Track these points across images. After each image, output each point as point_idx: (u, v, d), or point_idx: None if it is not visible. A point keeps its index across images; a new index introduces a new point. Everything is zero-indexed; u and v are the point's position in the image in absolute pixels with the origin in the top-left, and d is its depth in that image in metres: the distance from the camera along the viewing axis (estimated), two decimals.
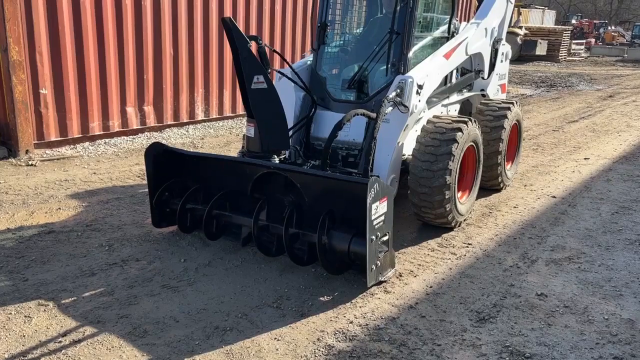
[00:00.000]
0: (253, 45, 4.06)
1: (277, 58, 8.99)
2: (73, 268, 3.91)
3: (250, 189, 4.13)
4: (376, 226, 3.49)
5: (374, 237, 3.47)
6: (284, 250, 3.87)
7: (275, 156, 4.17)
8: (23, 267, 3.90)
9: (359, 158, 4.54)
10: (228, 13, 8.83)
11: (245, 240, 4.24)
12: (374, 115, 4.11)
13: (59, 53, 6.85)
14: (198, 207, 4.32)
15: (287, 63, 4.80)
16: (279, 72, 4.82)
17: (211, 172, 4.41)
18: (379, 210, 3.49)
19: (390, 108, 4.25)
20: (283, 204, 4.02)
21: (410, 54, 4.68)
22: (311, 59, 5.15)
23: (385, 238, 3.65)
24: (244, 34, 3.92)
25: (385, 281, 3.79)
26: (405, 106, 4.34)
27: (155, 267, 3.97)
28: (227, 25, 3.88)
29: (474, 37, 5.38)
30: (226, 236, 4.34)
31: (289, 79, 4.70)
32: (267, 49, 4.19)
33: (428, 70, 4.62)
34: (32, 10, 6.49)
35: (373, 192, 3.38)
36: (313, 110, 4.81)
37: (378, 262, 3.63)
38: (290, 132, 4.57)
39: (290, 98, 4.85)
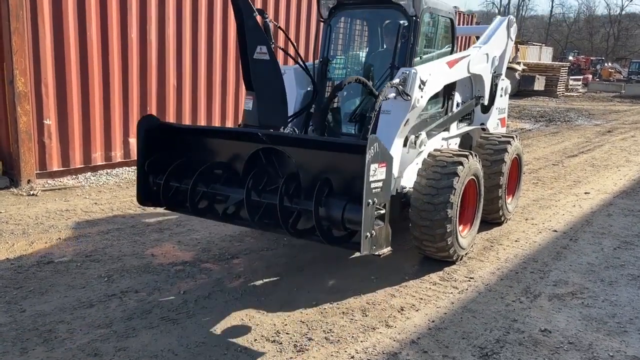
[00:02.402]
0: (258, 19, 3.96)
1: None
2: (71, 299, 3.87)
3: (247, 159, 3.88)
4: (374, 190, 3.18)
5: (370, 201, 3.15)
6: (278, 222, 3.50)
7: (272, 131, 3.98)
8: (21, 298, 3.86)
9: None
10: (232, 48, 8.99)
11: (230, 214, 3.87)
12: (374, 89, 4.13)
13: (64, 84, 6.94)
14: (184, 181, 3.92)
15: (292, 44, 4.65)
16: (286, 54, 4.82)
17: (204, 144, 4.10)
18: (377, 174, 3.20)
19: (393, 94, 4.26)
20: (278, 174, 3.76)
21: None
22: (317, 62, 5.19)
23: (382, 211, 3.34)
24: (251, 4, 3.83)
25: (379, 255, 3.41)
26: (408, 95, 4.32)
27: (155, 298, 3.93)
28: None
29: (475, 57, 5.52)
30: (212, 212, 3.95)
31: (299, 64, 4.77)
32: (271, 24, 4.09)
33: (431, 70, 4.66)
34: (39, 43, 6.61)
35: (372, 151, 3.11)
36: (314, 100, 4.90)
37: (374, 231, 3.25)
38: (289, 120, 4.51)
39: (291, 94, 4.87)
